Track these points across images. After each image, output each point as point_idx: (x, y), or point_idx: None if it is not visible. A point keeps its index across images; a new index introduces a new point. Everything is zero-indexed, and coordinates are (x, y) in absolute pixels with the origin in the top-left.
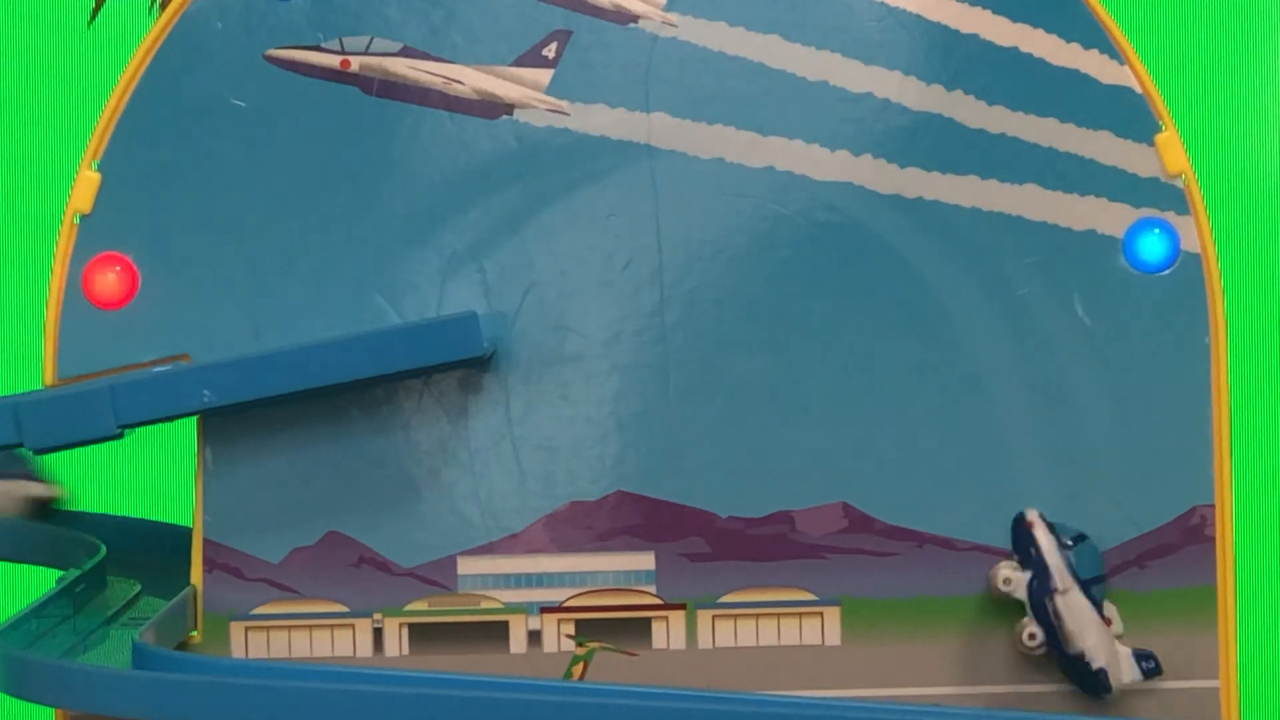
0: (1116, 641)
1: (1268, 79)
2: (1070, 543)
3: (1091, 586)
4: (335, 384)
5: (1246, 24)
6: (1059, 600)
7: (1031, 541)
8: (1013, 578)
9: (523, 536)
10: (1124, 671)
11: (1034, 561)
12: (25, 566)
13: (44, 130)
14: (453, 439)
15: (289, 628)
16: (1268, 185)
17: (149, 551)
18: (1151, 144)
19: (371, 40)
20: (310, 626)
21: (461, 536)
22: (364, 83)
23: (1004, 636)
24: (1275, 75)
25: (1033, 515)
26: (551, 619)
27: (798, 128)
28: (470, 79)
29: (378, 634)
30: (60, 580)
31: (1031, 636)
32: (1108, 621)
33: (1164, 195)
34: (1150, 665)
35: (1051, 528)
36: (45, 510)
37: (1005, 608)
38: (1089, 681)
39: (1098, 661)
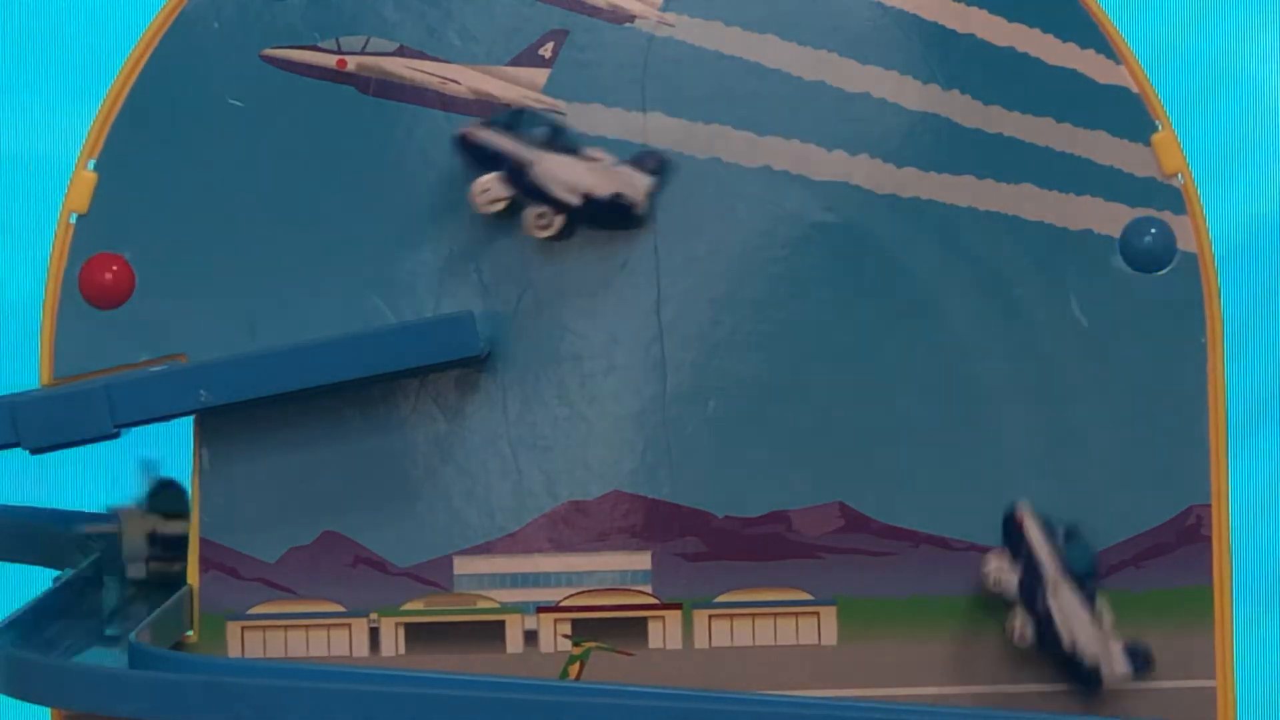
0: (1109, 638)
1: (1265, 78)
2: (1063, 538)
3: (1084, 582)
4: (332, 384)
5: (1244, 23)
6: (1050, 597)
7: (1022, 536)
8: (1003, 574)
9: (519, 536)
10: (1116, 668)
11: (1025, 556)
12: (21, 566)
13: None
14: (449, 439)
15: (285, 627)
16: (1265, 185)
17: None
18: (1148, 144)
19: (368, 40)
20: (306, 626)
21: (458, 536)
22: (360, 82)
23: (1000, 636)
24: (1273, 74)
25: (1023, 510)
26: (548, 619)
27: (794, 127)
28: (466, 79)
29: (374, 634)
30: (57, 579)
31: (1023, 638)
32: (1099, 618)
33: (1161, 195)
34: (1142, 662)
35: (1044, 522)
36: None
37: (1001, 608)
38: (1081, 678)
39: (1089, 659)
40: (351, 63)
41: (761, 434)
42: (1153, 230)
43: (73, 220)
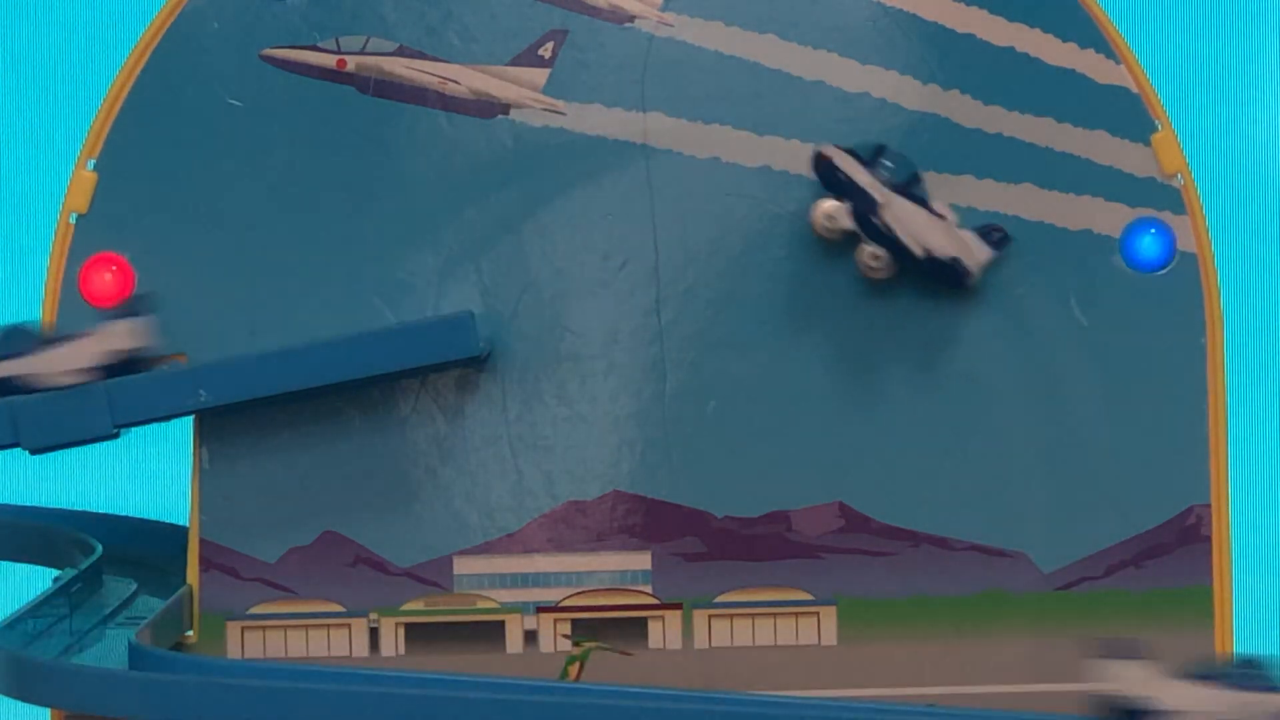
0: (957, 229)
1: (1265, 78)
2: (873, 157)
3: (910, 189)
4: (332, 384)
5: (1243, 23)
6: (885, 213)
7: (835, 170)
8: (833, 210)
9: (519, 536)
10: (975, 253)
11: (846, 188)
12: (21, 566)
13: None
14: (449, 439)
15: (285, 627)
16: (1265, 185)
17: (145, 551)
18: (1148, 144)
19: (368, 40)
20: (306, 626)
21: (458, 536)
22: (360, 82)
23: (1000, 636)
24: (1272, 74)
25: (828, 148)
26: (548, 619)
27: (794, 127)
28: (466, 79)
29: (374, 634)
30: (57, 580)
31: (875, 257)
32: (941, 215)
33: (1160, 195)
34: (998, 236)
35: (851, 151)
36: None
37: (1003, 608)
38: (949, 275)
39: (947, 253)
40: (351, 63)
41: (761, 434)
42: (1153, 230)
43: (73, 220)
